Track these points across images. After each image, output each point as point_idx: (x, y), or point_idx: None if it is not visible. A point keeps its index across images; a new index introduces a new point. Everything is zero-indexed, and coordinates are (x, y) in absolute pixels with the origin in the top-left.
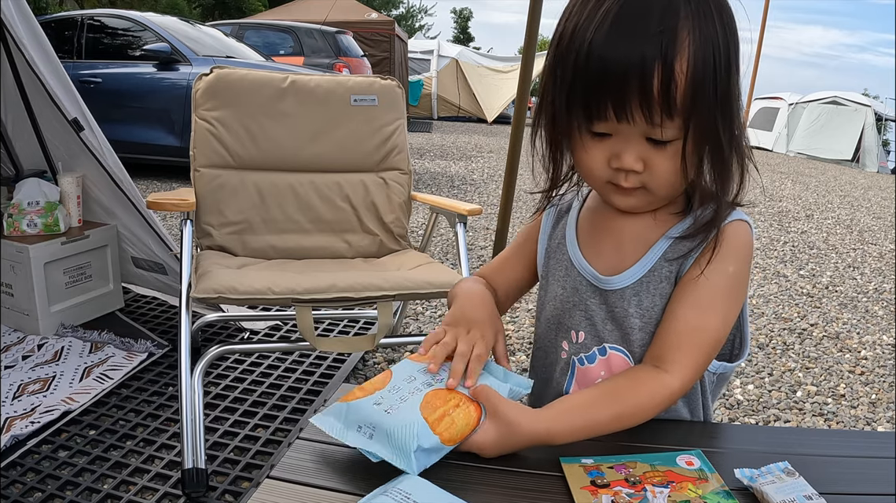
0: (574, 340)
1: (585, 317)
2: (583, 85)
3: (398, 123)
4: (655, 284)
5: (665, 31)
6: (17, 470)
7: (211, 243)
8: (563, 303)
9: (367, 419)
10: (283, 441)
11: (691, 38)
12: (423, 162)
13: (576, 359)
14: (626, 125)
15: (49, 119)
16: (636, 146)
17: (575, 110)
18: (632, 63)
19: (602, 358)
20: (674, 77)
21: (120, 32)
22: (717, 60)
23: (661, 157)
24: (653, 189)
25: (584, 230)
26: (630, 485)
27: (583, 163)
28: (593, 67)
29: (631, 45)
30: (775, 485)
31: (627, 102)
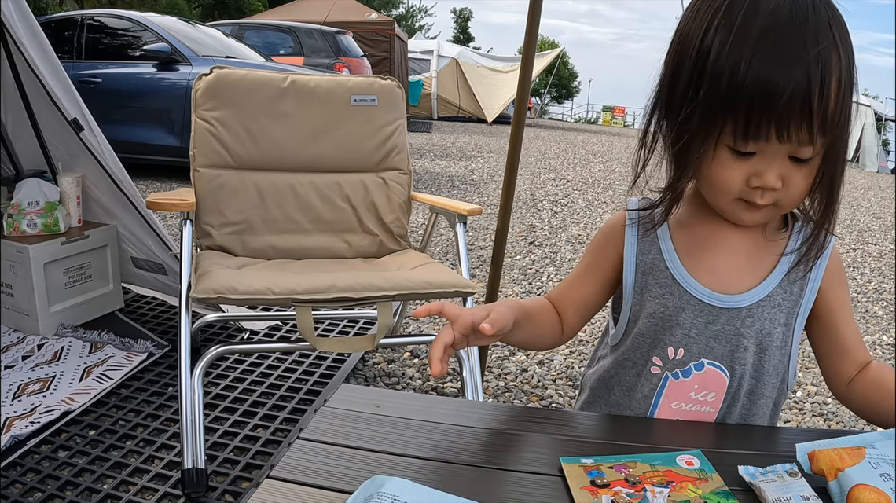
0: (670, 357)
1: (688, 335)
2: (740, 105)
3: (398, 123)
4: (774, 306)
5: (822, 51)
6: (17, 470)
7: (211, 243)
8: (663, 321)
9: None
10: (283, 441)
11: (838, 58)
12: (423, 162)
13: (669, 373)
14: (775, 145)
15: (49, 119)
16: (779, 165)
17: (722, 129)
18: (797, 84)
19: (698, 373)
20: (829, 97)
21: (120, 32)
22: (853, 74)
23: (800, 176)
24: (783, 206)
25: (683, 245)
26: (630, 485)
27: (716, 179)
28: (755, 88)
29: (794, 65)
30: (775, 484)
31: (789, 123)
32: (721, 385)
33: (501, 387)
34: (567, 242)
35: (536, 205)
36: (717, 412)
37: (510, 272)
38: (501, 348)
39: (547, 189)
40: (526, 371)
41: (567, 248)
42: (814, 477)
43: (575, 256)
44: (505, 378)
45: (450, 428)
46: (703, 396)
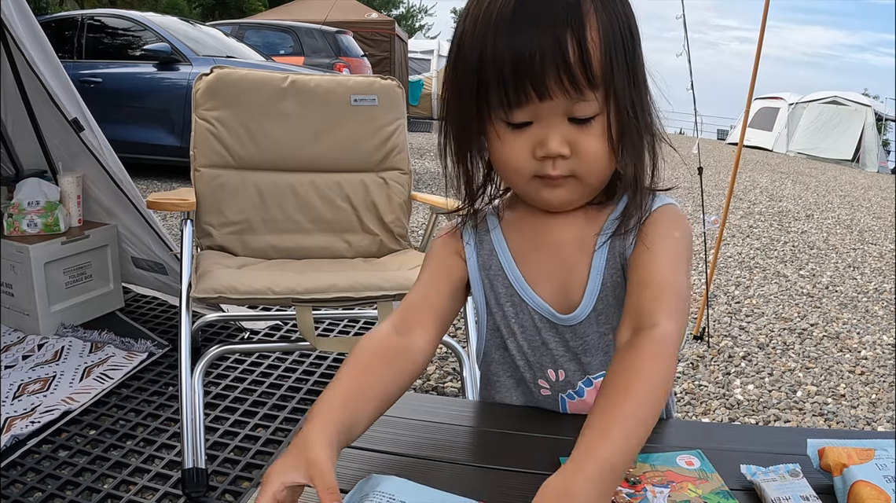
0: (554, 379)
1: (557, 356)
2: (497, 74)
3: (398, 123)
4: (610, 292)
5: (571, 4)
6: (17, 469)
7: (211, 243)
8: (528, 343)
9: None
10: (283, 441)
11: (594, 8)
12: (424, 162)
13: (563, 395)
14: (548, 105)
15: (49, 119)
16: (559, 128)
17: (491, 105)
18: (545, 38)
19: (589, 388)
20: (587, 46)
21: (120, 32)
22: (622, 31)
23: (587, 138)
24: (582, 175)
25: (518, 250)
26: (630, 484)
27: (504, 159)
28: (506, 53)
29: (541, 22)
30: (776, 484)
31: (547, 77)
32: None
33: None
34: None
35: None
36: None
37: None
38: None
39: None
40: None
41: None
42: (819, 474)
43: None
44: None
45: (450, 428)
46: None
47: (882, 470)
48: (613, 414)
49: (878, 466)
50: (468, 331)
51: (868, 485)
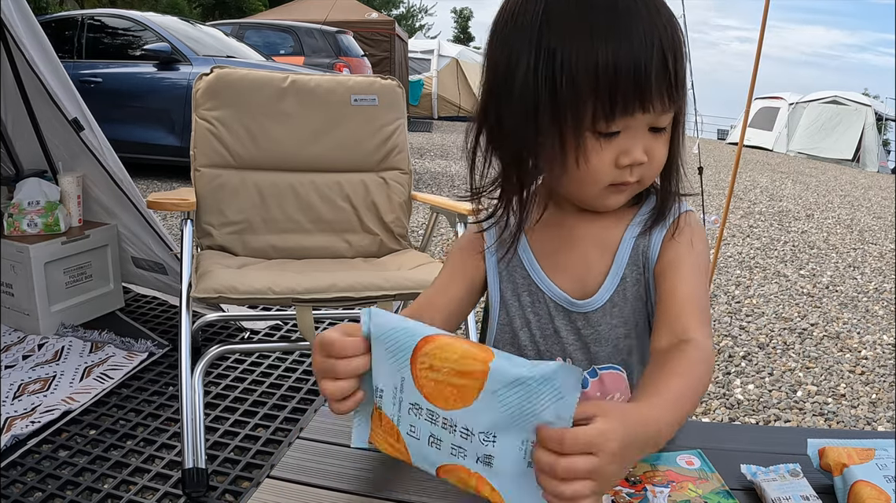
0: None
1: (567, 345)
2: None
3: (398, 123)
4: (630, 289)
5: (666, 19)
6: (17, 469)
7: (211, 243)
8: (541, 331)
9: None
10: (284, 441)
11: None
12: (424, 162)
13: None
14: (644, 116)
15: (49, 119)
16: (643, 138)
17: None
18: (653, 52)
19: (594, 380)
20: (680, 62)
21: (120, 32)
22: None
23: (659, 145)
24: (646, 180)
25: (541, 248)
26: (630, 484)
27: (589, 168)
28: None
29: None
30: (776, 484)
31: (653, 90)
32: (621, 383)
33: None
34: None
35: None
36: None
37: None
38: None
39: None
40: None
41: None
42: (819, 474)
43: None
44: None
45: None
46: (609, 399)
47: (882, 470)
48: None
49: (878, 466)
50: (468, 331)
51: (868, 484)
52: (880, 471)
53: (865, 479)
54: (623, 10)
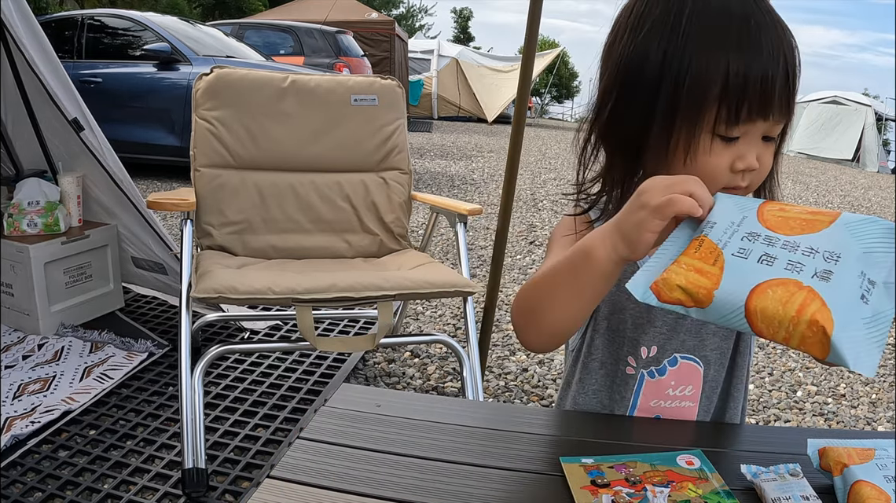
0: (644, 356)
1: (660, 333)
2: (735, 91)
3: (398, 123)
4: None
5: (787, 30)
6: (17, 470)
7: (211, 243)
8: (634, 318)
9: None
10: (284, 441)
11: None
12: (424, 162)
13: (645, 372)
14: (763, 124)
15: (49, 119)
16: (757, 145)
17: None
18: (779, 63)
19: (672, 368)
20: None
21: (120, 32)
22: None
23: (768, 154)
24: (753, 186)
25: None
26: (630, 484)
27: (707, 169)
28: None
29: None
30: (776, 483)
31: (776, 100)
32: (697, 377)
33: (501, 386)
34: None
35: (536, 205)
36: (696, 405)
37: (510, 272)
38: (502, 348)
39: (547, 189)
40: (526, 371)
41: None
42: (819, 474)
43: None
44: (505, 378)
45: (450, 427)
46: (682, 391)
47: (882, 470)
48: None
49: (878, 466)
50: (468, 331)
51: (868, 484)
52: (880, 470)
53: (865, 479)
54: (756, 24)
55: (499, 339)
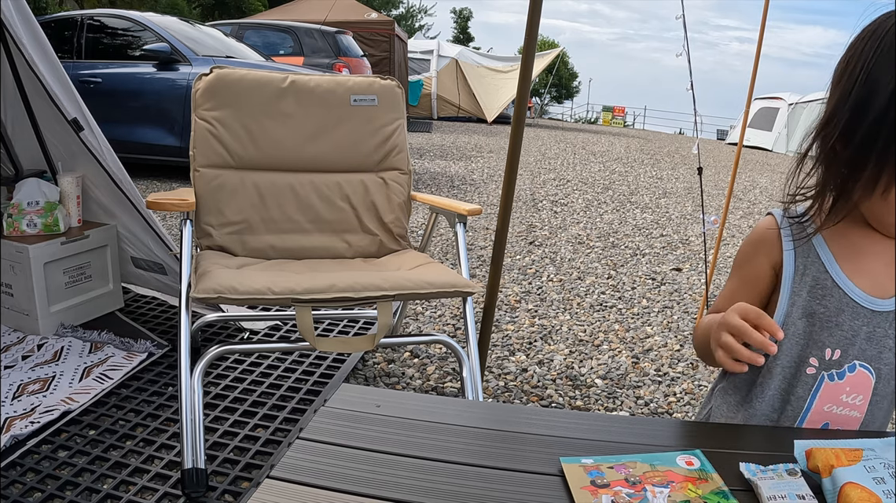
0: (827, 357)
1: (845, 337)
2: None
3: (398, 123)
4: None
5: None
6: (16, 470)
7: (211, 243)
8: (822, 322)
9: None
10: (283, 441)
11: None
12: (423, 162)
13: (826, 374)
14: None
15: (49, 119)
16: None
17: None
18: None
19: (850, 374)
20: None
21: (120, 32)
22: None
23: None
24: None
25: (840, 251)
26: (630, 485)
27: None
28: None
29: None
30: (773, 482)
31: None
32: (868, 387)
33: (501, 387)
34: (567, 242)
35: (536, 205)
36: (862, 416)
37: (510, 272)
38: (501, 348)
39: (547, 189)
40: (526, 371)
41: (567, 248)
42: (809, 474)
43: (575, 256)
44: (505, 378)
45: (450, 428)
46: (853, 399)
47: (871, 472)
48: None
49: (866, 468)
50: (467, 331)
51: (858, 487)
52: (868, 473)
53: (854, 481)
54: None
55: (498, 340)
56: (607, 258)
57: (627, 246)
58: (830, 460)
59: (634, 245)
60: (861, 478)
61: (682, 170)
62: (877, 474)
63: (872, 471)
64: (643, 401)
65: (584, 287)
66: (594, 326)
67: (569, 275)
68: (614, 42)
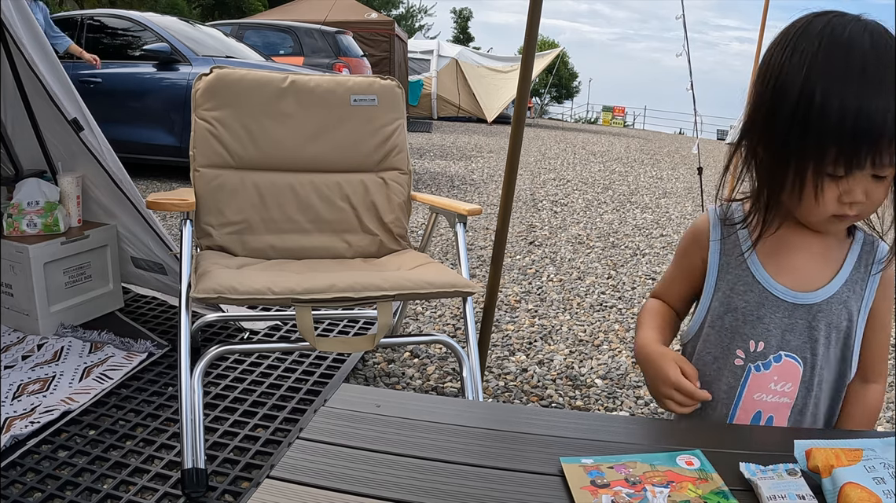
0: (752, 349)
1: (767, 330)
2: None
3: (398, 123)
4: (840, 302)
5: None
6: (16, 470)
7: (211, 243)
8: (745, 316)
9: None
10: (283, 441)
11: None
12: (423, 162)
13: (752, 366)
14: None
15: (49, 119)
16: (864, 182)
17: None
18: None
19: (777, 364)
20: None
21: (120, 32)
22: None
23: (879, 190)
24: (864, 215)
25: (763, 247)
26: (630, 485)
27: (816, 201)
28: (858, 125)
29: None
30: (772, 482)
31: (884, 152)
32: (796, 375)
33: (501, 387)
34: (567, 242)
35: (536, 205)
36: (792, 402)
37: (510, 272)
38: (501, 348)
39: (547, 189)
40: (526, 371)
41: (567, 248)
42: (809, 474)
43: (575, 256)
44: (505, 378)
45: (450, 428)
46: (782, 387)
47: (871, 471)
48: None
49: (866, 468)
50: (467, 331)
51: (858, 487)
52: (868, 473)
53: (855, 481)
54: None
55: (498, 340)
56: (607, 258)
57: (627, 246)
58: (830, 460)
59: (634, 245)
60: (861, 478)
61: (682, 170)
62: (877, 474)
63: (872, 471)
64: (643, 401)
65: (584, 287)
66: (594, 326)
67: (569, 275)
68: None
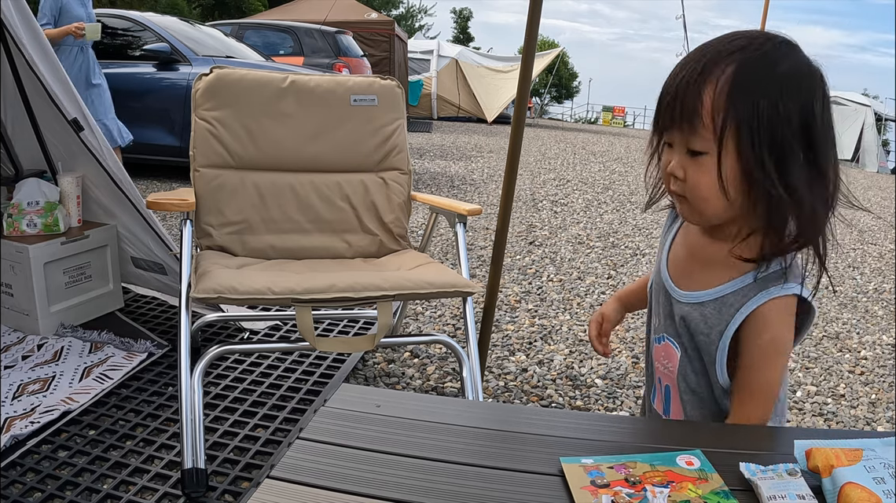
0: (654, 324)
1: (657, 312)
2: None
3: (398, 123)
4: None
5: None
6: (16, 470)
7: (211, 243)
8: (654, 294)
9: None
10: (283, 441)
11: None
12: (423, 162)
13: (656, 338)
14: (675, 134)
15: (49, 119)
16: (679, 155)
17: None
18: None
19: (660, 345)
20: (702, 96)
21: (120, 32)
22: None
23: (695, 169)
24: (690, 199)
25: (677, 242)
26: (630, 485)
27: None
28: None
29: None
30: (773, 482)
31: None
32: (674, 358)
33: (501, 387)
34: (567, 242)
35: (536, 205)
36: (674, 379)
37: (510, 272)
38: (501, 348)
39: (547, 189)
40: (526, 371)
41: (567, 248)
42: (809, 474)
43: (575, 256)
44: (505, 378)
45: (450, 428)
46: (666, 364)
47: (871, 471)
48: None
49: (866, 468)
50: (467, 331)
51: (858, 487)
52: (868, 472)
53: (855, 481)
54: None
55: (498, 340)
56: (607, 258)
57: (627, 246)
58: (830, 460)
59: (634, 245)
60: (861, 478)
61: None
62: (877, 474)
63: (872, 470)
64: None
65: (584, 287)
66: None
67: (569, 275)
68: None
